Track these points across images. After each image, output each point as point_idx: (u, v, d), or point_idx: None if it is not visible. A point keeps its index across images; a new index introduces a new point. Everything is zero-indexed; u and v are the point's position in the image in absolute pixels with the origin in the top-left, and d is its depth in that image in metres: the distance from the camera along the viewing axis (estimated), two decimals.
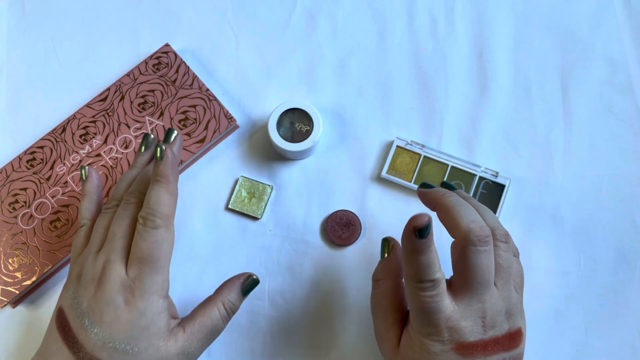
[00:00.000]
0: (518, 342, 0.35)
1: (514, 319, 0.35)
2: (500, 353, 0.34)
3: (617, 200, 0.47)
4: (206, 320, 0.36)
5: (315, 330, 0.44)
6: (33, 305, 0.45)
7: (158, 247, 0.34)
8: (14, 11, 0.52)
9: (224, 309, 0.37)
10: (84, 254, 0.36)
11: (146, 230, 0.34)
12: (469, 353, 0.33)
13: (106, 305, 0.33)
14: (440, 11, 0.51)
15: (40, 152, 0.46)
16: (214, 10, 0.52)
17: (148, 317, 0.34)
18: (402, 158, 0.47)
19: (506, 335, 0.34)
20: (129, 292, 0.34)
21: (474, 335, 0.33)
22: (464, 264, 0.33)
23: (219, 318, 0.37)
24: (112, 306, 0.33)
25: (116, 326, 0.33)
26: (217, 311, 0.37)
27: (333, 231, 0.46)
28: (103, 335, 0.33)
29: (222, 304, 0.37)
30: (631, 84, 0.49)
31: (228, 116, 0.47)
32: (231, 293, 0.38)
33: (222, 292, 0.38)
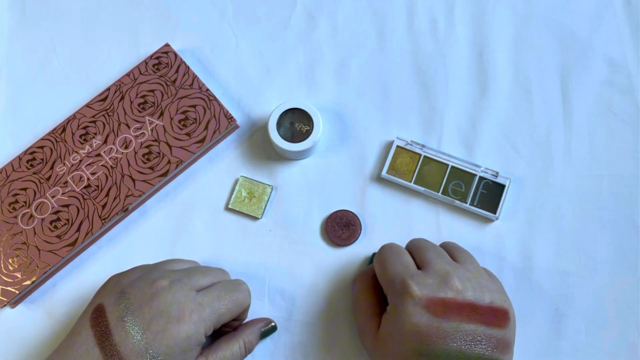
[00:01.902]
0: (502, 321, 0.34)
1: (495, 294, 0.35)
2: (479, 324, 0.34)
3: (617, 200, 0.47)
4: (228, 354, 0.38)
5: (315, 330, 0.44)
6: (33, 305, 0.45)
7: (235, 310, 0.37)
8: (14, 11, 0.52)
9: (244, 347, 0.39)
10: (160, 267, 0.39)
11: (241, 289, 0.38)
12: (441, 312, 0.33)
13: (159, 314, 0.33)
14: (440, 11, 0.51)
15: (40, 152, 0.46)
16: (214, 10, 0.52)
17: (191, 343, 0.34)
18: (402, 158, 0.47)
19: (487, 307, 0.34)
20: (187, 311, 0.34)
21: (444, 292, 0.34)
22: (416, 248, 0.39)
23: (238, 354, 0.39)
24: (164, 318, 0.33)
25: (161, 337, 0.33)
26: (237, 347, 0.39)
27: (333, 231, 0.46)
28: (145, 343, 0.33)
29: (244, 342, 0.40)
30: (631, 84, 0.49)
31: (228, 116, 0.47)
32: (252, 334, 0.41)
33: (245, 332, 0.41)
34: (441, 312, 0.33)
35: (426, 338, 0.33)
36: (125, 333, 0.33)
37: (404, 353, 0.34)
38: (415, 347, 0.33)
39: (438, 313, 0.33)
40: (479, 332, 0.33)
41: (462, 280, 0.35)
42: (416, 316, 0.34)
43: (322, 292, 0.45)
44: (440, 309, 0.33)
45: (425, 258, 0.37)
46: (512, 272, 0.45)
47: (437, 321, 0.33)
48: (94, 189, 0.45)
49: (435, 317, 0.33)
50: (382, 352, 0.36)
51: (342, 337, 0.44)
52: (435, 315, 0.33)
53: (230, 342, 0.39)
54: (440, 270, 0.35)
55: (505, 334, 0.34)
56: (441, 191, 0.46)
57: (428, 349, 0.33)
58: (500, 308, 0.35)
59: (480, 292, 0.35)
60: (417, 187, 0.46)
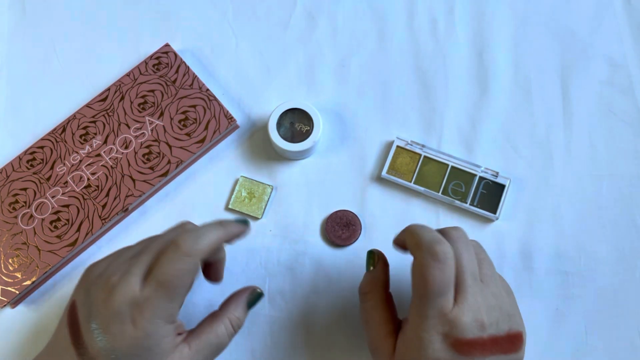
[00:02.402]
0: (517, 346, 0.35)
1: (514, 320, 0.35)
2: (499, 355, 0.34)
3: (617, 200, 0.47)
4: (212, 337, 0.35)
5: (315, 330, 0.44)
6: (33, 305, 0.45)
7: (182, 276, 0.32)
8: (14, 11, 0.52)
9: (230, 326, 0.36)
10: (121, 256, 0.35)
11: (177, 253, 0.32)
12: (466, 351, 0.33)
13: (114, 315, 0.32)
14: (440, 11, 0.51)
15: (40, 152, 0.46)
16: (214, 10, 0.52)
17: (153, 339, 0.32)
18: (402, 158, 0.47)
19: (505, 337, 0.34)
20: (137, 310, 0.32)
21: (473, 332, 0.33)
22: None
23: (225, 335, 0.36)
24: (119, 319, 0.32)
25: (121, 340, 0.32)
26: (223, 327, 0.36)
27: (333, 231, 0.46)
28: (107, 345, 0.32)
29: (229, 321, 0.36)
30: (631, 84, 0.49)
31: (228, 116, 0.47)
32: (237, 309, 0.37)
33: (228, 308, 0.37)
34: (466, 351, 0.33)
35: None
36: (91, 334, 0.32)
37: None
38: None
39: (463, 352, 0.33)
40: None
41: (489, 313, 0.34)
42: (441, 352, 0.33)
43: (322, 292, 0.45)
44: (466, 349, 0.33)
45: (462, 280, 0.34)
46: (512, 272, 0.45)
47: (461, 358, 0.33)
48: (94, 189, 0.45)
49: (460, 355, 0.33)
50: None
51: (342, 337, 0.44)
52: (460, 353, 0.33)
53: (214, 323, 0.36)
54: (473, 305, 0.33)
55: (519, 355, 0.35)
56: (441, 191, 0.46)
57: None
58: (516, 333, 0.35)
59: (502, 321, 0.34)
60: (417, 187, 0.46)
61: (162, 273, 0.32)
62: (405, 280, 0.45)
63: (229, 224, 0.36)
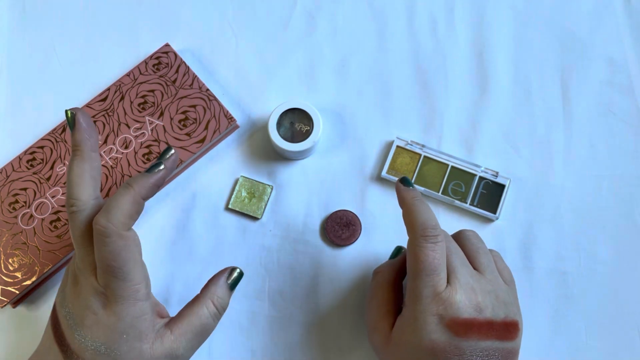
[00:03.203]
0: (514, 334, 0.35)
1: (510, 308, 0.35)
2: (494, 340, 0.34)
3: (617, 200, 0.47)
4: (194, 319, 0.35)
5: (315, 330, 0.44)
6: (33, 305, 0.45)
7: (115, 256, 0.31)
8: (14, 11, 0.52)
9: (213, 306, 0.35)
10: None
11: (99, 239, 0.31)
12: (462, 332, 0.33)
13: (85, 308, 0.32)
14: (440, 11, 0.51)
15: (40, 152, 0.46)
16: (214, 10, 0.52)
17: (126, 321, 0.32)
18: (402, 158, 0.47)
19: (502, 323, 0.34)
20: (103, 297, 0.32)
21: (468, 312, 0.34)
22: None
23: (209, 316, 0.35)
24: (91, 310, 0.32)
25: (96, 330, 0.32)
26: (205, 309, 0.35)
27: (333, 231, 0.46)
28: (85, 338, 0.32)
29: (211, 302, 0.35)
30: (631, 84, 0.49)
31: (228, 116, 0.47)
32: (218, 289, 0.36)
33: (209, 289, 0.36)
34: (462, 332, 0.33)
35: (442, 355, 0.33)
36: (71, 331, 0.32)
37: None
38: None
39: (459, 333, 0.33)
40: (493, 347, 0.34)
41: (484, 297, 0.34)
42: (436, 333, 0.33)
43: (322, 292, 0.45)
44: (462, 330, 0.33)
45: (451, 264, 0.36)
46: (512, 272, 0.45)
47: (457, 340, 0.33)
48: None
49: (455, 337, 0.33)
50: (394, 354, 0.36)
51: (342, 337, 0.44)
52: (455, 334, 0.33)
53: (195, 305, 0.35)
54: (465, 285, 0.34)
55: (515, 344, 0.35)
56: (441, 191, 0.46)
57: None
58: (512, 322, 0.35)
59: (497, 307, 0.35)
60: (417, 187, 0.46)
61: (99, 260, 0.32)
62: None
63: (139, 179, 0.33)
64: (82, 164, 0.33)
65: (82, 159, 0.34)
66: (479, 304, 0.34)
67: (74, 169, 0.33)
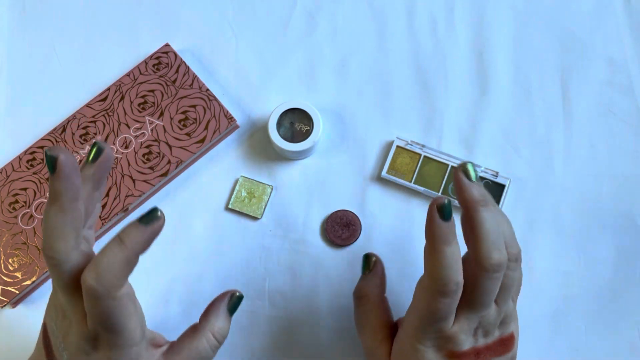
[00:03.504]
0: (510, 347, 0.35)
1: (506, 326, 0.35)
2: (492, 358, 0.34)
3: (617, 200, 0.47)
4: (193, 354, 0.33)
5: (315, 330, 0.44)
6: (33, 305, 0.45)
7: (107, 317, 0.28)
8: (14, 11, 0.52)
9: (213, 339, 0.34)
10: None
11: (88, 299, 0.28)
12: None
13: (77, 349, 0.30)
14: (440, 11, 0.51)
15: (40, 152, 0.46)
16: (214, 10, 0.52)
17: None
18: (402, 158, 0.47)
19: (497, 342, 0.34)
20: (95, 342, 0.30)
21: (467, 344, 0.33)
22: (474, 285, 0.32)
23: (208, 349, 0.33)
24: (83, 353, 0.30)
25: None
26: (205, 342, 0.33)
27: (333, 231, 0.46)
28: None
29: (211, 334, 0.34)
30: (631, 84, 0.49)
31: (228, 116, 0.47)
32: (218, 319, 0.34)
33: (209, 320, 0.34)
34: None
35: None
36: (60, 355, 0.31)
37: None
38: None
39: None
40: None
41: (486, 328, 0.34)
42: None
43: (322, 292, 0.45)
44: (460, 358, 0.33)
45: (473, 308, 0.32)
46: None
47: None
48: None
49: None
50: None
51: (342, 337, 0.44)
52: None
53: (194, 338, 0.33)
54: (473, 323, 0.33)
55: (512, 353, 0.35)
56: (441, 191, 0.46)
57: None
58: (508, 337, 0.35)
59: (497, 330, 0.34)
60: (417, 187, 0.46)
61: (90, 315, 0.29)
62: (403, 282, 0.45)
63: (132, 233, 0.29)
64: (62, 215, 0.28)
65: (62, 210, 0.28)
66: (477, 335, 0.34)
67: (51, 218, 0.28)
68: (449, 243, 0.31)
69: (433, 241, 0.31)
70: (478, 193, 0.32)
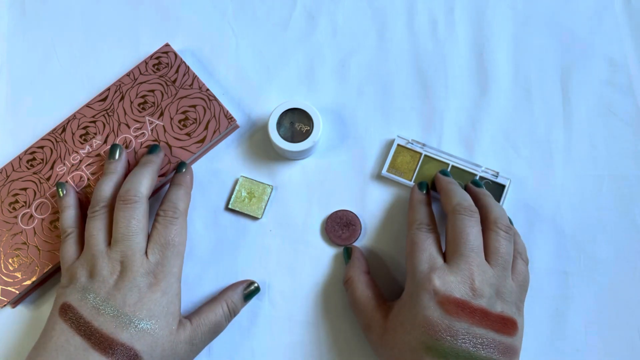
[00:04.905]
0: (511, 330, 0.35)
1: (507, 305, 0.36)
2: (488, 330, 0.34)
3: (617, 200, 0.47)
4: (211, 315, 0.40)
5: (316, 330, 0.44)
6: (33, 305, 0.45)
7: (179, 234, 0.39)
8: (14, 11, 0.52)
9: (227, 308, 0.41)
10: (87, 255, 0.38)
11: (168, 220, 0.39)
12: (454, 311, 0.34)
13: (129, 290, 0.36)
14: (440, 11, 0.51)
15: (40, 152, 0.46)
16: (214, 10, 0.52)
17: (168, 296, 0.37)
18: (402, 157, 0.47)
19: (497, 316, 0.35)
20: (152, 276, 0.37)
21: (461, 292, 0.34)
22: (453, 231, 0.38)
23: (222, 315, 0.41)
24: (136, 290, 0.36)
25: (140, 305, 0.36)
26: (221, 309, 0.41)
27: (333, 231, 0.46)
28: (126, 317, 0.35)
29: (226, 303, 0.41)
30: (631, 84, 0.49)
31: (228, 116, 0.47)
32: (234, 295, 0.42)
33: (226, 293, 0.42)
34: (454, 311, 0.34)
35: (436, 333, 0.34)
36: (103, 317, 0.35)
37: (412, 344, 0.35)
38: (424, 340, 0.34)
39: (450, 312, 0.34)
40: (488, 336, 0.34)
41: (482, 285, 0.35)
42: (429, 309, 0.35)
43: (322, 292, 0.45)
44: (453, 309, 0.34)
45: (458, 250, 0.37)
46: None
47: (449, 319, 0.34)
48: None
49: (447, 315, 0.34)
50: (390, 342, 0.37)
51: (342, 337, 0.44)
52: (447, 313, 0.34)
53: (212, 306, 0.41)
54: (464, 270, 0.36)
55: (514, 342, 0.35)
56: None
57: (436, 344, 0.34)
58: (510, 318, 0.36)
59: (494, 300, 0.36)
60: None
61: (164, 237, 0.38)
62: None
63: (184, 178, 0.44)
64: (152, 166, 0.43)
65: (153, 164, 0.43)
66: (475, 290, 0.35)
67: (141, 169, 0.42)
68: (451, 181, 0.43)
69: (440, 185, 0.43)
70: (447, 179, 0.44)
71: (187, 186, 0.43)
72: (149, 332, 0.36)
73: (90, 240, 0.39)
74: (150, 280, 0.37)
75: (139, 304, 0.36)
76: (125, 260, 0.37)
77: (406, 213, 0.47)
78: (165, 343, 0.36)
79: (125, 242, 0.38)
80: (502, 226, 0.39)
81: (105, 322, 0.35)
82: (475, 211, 0.39)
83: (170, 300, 0.37)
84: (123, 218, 0.38)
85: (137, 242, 0.38)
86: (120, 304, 0.36)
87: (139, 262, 0.37)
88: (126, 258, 0.37)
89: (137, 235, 0.38)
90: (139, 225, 0.38)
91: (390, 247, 0.46)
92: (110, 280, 0.37)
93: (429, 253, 0.38)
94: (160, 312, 0.37)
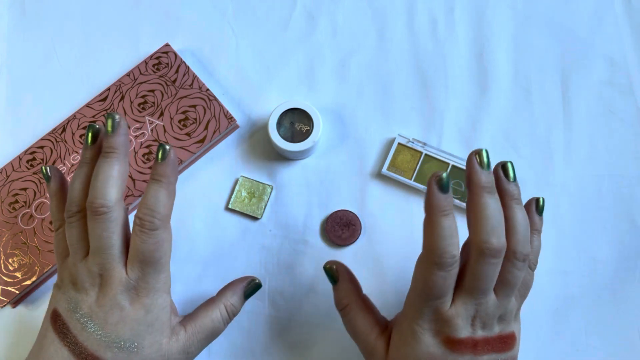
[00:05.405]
0: (510, 345, 0.35)
1: (506, 323, 0.35)
2: (491, 354, 0.34)
3: (617, 200, 0.47)
4: (207, 321, 0.37)
5: (315, 330, 0.44)
6: (33, 305, 0.45)
7: (159, 247, 0.34)
8: (14, 11, 0.52)
9: (225, 312, 0.38)
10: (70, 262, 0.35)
11: (145, 232, 0.33)
12: (457, 349, 0.33)
13: (111, 308, 0.33)
14: (440, 11, 0.51)
15: (40, 152, 0.46)
16: (214, 10, 0.52)
17: (153, 313, 0.34)
18: (403, 155, 0.47)
19: (497, 338, 0.34)
20: (133, 292, 0.34)
21: (464, 332, 0.34)
22: (471, 269, 0.33)
23: (220, 320, 0.38)
24: (118, 308, 0.33)
25: (122, 326, 0.33)
26: (218, 313, 0.38)
27: (333, 231, 0.46)
28: (108, 337, 0.33)
29: (225, 307, 0.38)
30: (631, 84, 0.49)
31: (228, 116, 0.47)
32: (234, 296, 0.39)
33: (225, 295, 0.39)
34: (457, 350, 0.33)
35: None
36: (87, 333, 0.33)
37: None
38: None
39: (454, 350, 0.33)
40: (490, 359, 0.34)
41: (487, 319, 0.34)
42: (433, 347, 0.34)
43: (322, 292, 0.45)
44: (457, 348, 0.33)
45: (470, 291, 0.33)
46: None
47: (453, 355, 0.33)
48: None
49: (452, 352, 0.33)
50: None
51: (342, 337, 0.44)
52: (451, 351, 0.33)
53: (209, 308, 0.38)
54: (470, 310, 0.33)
55: (513, 353, 0.35)
56: None
57: None
58: (508, 334, 0.35)
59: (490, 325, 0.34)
60: (418, 185, 0.46)
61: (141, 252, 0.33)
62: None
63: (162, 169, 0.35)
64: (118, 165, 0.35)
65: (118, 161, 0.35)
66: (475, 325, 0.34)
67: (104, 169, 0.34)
68: (446, 214, 0.32)
69: (430, 213, 0.32)
70: (486, 179, 0.33)
71: (169, 181, 0.35)
72: (135, 352, 0.33)
73: (70, 249, 0.35)
74: (132, 297, 0.34)
75: (121, 324, 0.33)
76: (105, 274, 0.34)
77: (406, 213, 0.47)
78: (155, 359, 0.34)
79: (101, 255, 0.34)
80: (520, 255, 0.34)
81: (89, 339, 0.33)
82: (503, 249, 0.32)
83: (155, 317, 0.34)
84: (94, 230, 0.34)
85: (113, 255, 0.34)
86: (102, 324, 0.33)
87: (117, 277, 0.33)
88: (105, 271, 0.34)
89: (112, 247, 0.34)
90: (112, 237, 0.34)
91: (390, 247, 0.46)
92: (92, 293, 0.34)
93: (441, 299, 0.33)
94: (145, 330, 0.34)
